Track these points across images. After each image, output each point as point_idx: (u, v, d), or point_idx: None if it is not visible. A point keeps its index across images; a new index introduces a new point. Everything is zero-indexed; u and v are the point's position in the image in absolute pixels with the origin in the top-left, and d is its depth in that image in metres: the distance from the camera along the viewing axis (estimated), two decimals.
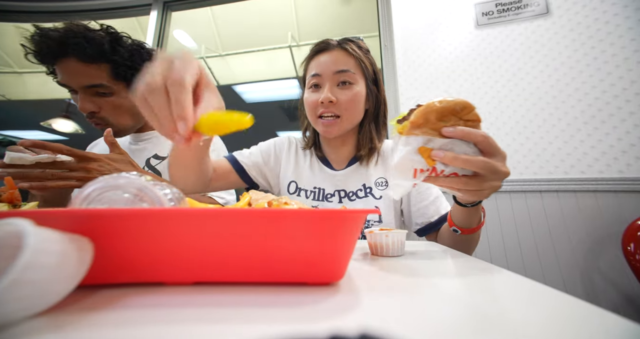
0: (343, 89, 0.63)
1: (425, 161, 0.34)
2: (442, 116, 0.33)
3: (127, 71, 0.72)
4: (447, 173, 0.35)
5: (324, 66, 0.63)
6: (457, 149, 0.34)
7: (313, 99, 0.64)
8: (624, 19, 1.25)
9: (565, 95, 1.25)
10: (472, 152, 0.34)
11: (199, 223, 0.21)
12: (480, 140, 0.34)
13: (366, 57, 0.66)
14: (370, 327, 0.13)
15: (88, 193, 0.23)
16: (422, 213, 0.65)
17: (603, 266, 1.08)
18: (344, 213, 0.22)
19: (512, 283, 0.25)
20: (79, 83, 0.68)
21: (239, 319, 0.17)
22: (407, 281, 0.25)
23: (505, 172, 0.35)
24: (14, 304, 0.14)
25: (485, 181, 0.35)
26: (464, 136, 0.33)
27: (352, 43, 0.66)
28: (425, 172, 0.34)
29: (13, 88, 3.30)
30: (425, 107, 0.33)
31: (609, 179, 1.14)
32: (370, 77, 0.66)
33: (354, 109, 0.64)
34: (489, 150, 0.34)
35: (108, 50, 0.68)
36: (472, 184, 0.35)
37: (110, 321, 0.16)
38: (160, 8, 1.92)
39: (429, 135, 0.33)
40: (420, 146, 0.34)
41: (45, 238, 0.15)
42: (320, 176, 0.72)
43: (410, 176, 0.34)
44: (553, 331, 0.15)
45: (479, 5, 1.43)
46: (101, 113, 0.72)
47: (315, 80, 0.65)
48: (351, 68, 0.63)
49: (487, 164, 0.33)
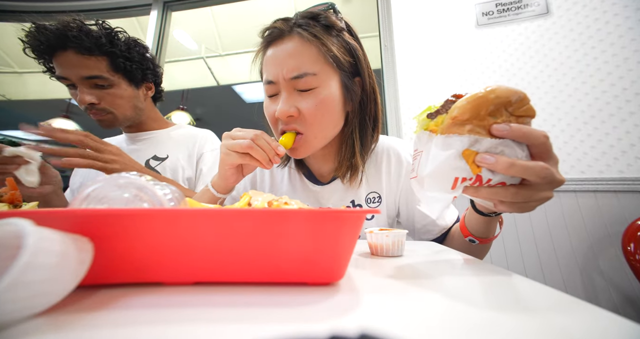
0: (305, 97, 0.48)
1: (469, 167, 0.26)
2: (494, 109, 0.26)
3: (125, 63, 0.72)
4: (494, 183, 0.27)
5: (276, 68, 0.48)
6: (508, 151, 0.26)
7: (271, 110, 0.51)
8: (624, 19, 1.25)
9: (565, 95, 1.25)
10: (524, 156, 0.27)
11: (199, 223, 0.21)
12: (541, 141, 0.26)
13: (338, 41, 0.49)
14: (370, 327, 0.13)
15: (88, 193, 0.23)
16: (428, 230, 0.58)
17: (603, 266, 1.08)
18: (344, 213, 0.22)
19: (511, 283, 0.25)
20: (78, 74, 0.68)
21: (239, 319, 0.17)
22: (407, 281, 0.25)
23: (560, 180, 0.27)
24: (14, 304, 0.14)
25: (538, 192, 0.27)
26: (523, 136, 0.26)
27: (314, 22, 0.48)
28: (467, 181, 0.27)
29: (13, 88, 3.29)
30: (476, 99, 0.26)
31: (609, 179, 1.13)
32: (346, 69, 0.50)
33: (323, 120, 0.49)
34: (544, 154, 0.27)
35: (105, 43, 0.69)
36: (522, 195, 0.27)
37: (110, 321, 0.16)
38: (160, 8, 1.92)
39: (476, 134, 0.26)
40: (465, 148, 0.26)
41: (45, 238, 0.15)
42: (302, 193, 0.62)
43: (449, 187, 0.27)
44: (553, 331, 0.15)
45: (479, 5, 1.43)
46: (101, 104, 0.72)
47: (270, 89, 0.50)
48: (310, 68, 0.47)
49: (548, 171, 0.26)
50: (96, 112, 0.73)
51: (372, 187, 0.61)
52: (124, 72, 0.74)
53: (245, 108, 4.16)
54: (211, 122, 4.54)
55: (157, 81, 0.86)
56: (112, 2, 1.95)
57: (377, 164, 0.62)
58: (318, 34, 0.47)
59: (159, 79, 0.86)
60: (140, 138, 0.84)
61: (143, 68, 0.78)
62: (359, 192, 0.60)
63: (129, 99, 0.76)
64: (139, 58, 0.76)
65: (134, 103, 0.78)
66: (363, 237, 0.57)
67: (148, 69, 0.80)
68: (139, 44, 0.78)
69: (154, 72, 0.82)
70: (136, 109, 0.79)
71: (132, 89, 0.77)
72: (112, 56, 0.71)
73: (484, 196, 0.28)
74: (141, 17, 2.08)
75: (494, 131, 0.26)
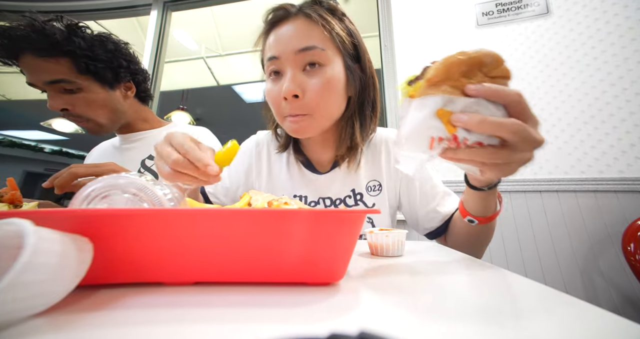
0: (311, 75, 0.48)
1: (445, 127, 0.27)
2: (468, 70, 0.27)
3: (88, 63, 0.66)
4: (471, 142, 0.28)
5: (282, 44, 0.48)
6: (483, 111, 0.27)
7: (275, 92, 0.50)
8: (624, 19, 1.25)
9: (565, 95, 1.25)
10: (500, 115, 0.27)
11: (199, 223, 0.21)
12: (514, 99, 0.26)
13: (341, 25, 0.51)
14: (369, 327, 0.13)
15: (88, 193, 0.23)
16: (432, 217, 0.57)
17: (603, 266, 1.08)
18: (344, 213, 0.22)
19: (512, 283, 0.25)
20: (40, 79, 0.63)
21: (239, 319, 0.17)
22: (407, 281, 0.25)
23: (539, 140, 0.27)
24: (14, 304, 0.14)
25: (516, 152, 0.28)
26: (494, 94, 0.26)
27: (318, 7, 0.50)
28: (444, 141, 0.28)
29: (13, 88, 3.30)
30: (447, 60, 0.27)
31: (609, 179, 1.13)
32: (349, 52, 0.51)
33: (329, 101, 0.49)
34: (521, 114, 0.27)
35: (60, 41, 0.62)
36: (501, 156, 0.28)
37: (110, 321, 0.16)
38: (160, 8, 1.92)
39: (449, 94, 0.27)
40: (439, 108, 0.27)
41: (46, 238, 0.15)
42: (300, 182, 0.61)
43: (426, 147, 0.28)
44: (553, 331, 0.15)
45: (479, 5, 1.43)
46: (75, 110, 0.67)
47: (274, 65, 0.49)
48: (318, 43, 0.47)
49: (521, 127, 0.26)
50: (74, 119, 0.68)
51: (372, 175, 0.61)
52: (92, 74, 0.67)
53: (245, 108, 4.17)
54: (211, 122, 4.55)
55: (138, 79, 0.78)
56: (112, 2, 1.95)
57: (375, 155, 0.62)
58: (323, 14, 0.49)
59: (139, 76, 0.78)
60: (134, 138, 0.81)
61: (113, 67, 0.70)
62: (359, 180, 0.60)
63: (104, 102, 0.70)
64: (106, 56, 0.69)
65: (112, 106, 0.72)
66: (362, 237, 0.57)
67: (120, 67, 0.72)
68: (107, 41, 0.70)
69: (129, 70, 0.75)
70: (116, 112, 0.73)
71: (105, 92, 0.70)
72: (72, 56, 0.64)
73: (462, 157, 0.28)
74: (141, 17, 2.08)
75: (467, 90, 0.26)
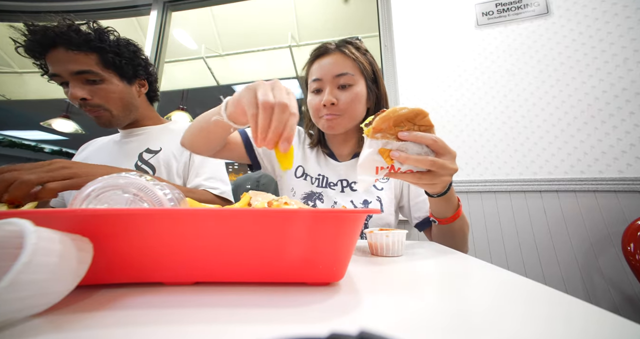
0: (343, 91, 0.66)
1: (385, 160, 0.40)
2: (399, 122, 0.39)
3: (114, 58, 0.73)
4: (404, 170, 0.41)
5: (324, 71, 0.67)
6: (410, 150, 0.40)
7: (316, 102, 0.68)
8: (624, 19, 1.25)
9: (565, 95, 1.25)
10: (424, 152, 0.40)
11: (199, 223, 0.21)
12: (430, 143, 0.39)
13: (364, 58, 0.69)
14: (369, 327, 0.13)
15: (88, 193, 0.23)
16: (419, 207, 0.70)
17: (603, 266, 1.08)
18: (344, 213, 0.22)
19: (512, 283, 0.25)
20: (68, 70, 0.69)
21: (238, 319, 0.17)
22: (407, 281, 0.25)
23: (453, 168, 0.41)
24: (15, 303, 0.14)
25: (437, 176, 0.40)
26: (416, 139, 0.39)
27: (350, 45, 0.69)
28: (385, 169, 0.40)
29: (13, 88, 3.29)
30: (385, 115, 0.39)
31: (609, 179, 1.13)
32: (370, 77, 0.69)
33: (355, 108, 0.68)
34: (439, 150, 0.40)
35: (94, 39, 0.70)
36: (425, 179, 0.41)
37: (110, 321, 0.16)
38: (160, 8, 1.92)
39: (387, 138, 0.39)
40: (380, 147, 0.39)
41: (45, 238, 0.15)
42: (325, 166, 0.78)
43: (373, 173, 0.40)
44: (553, 331, 0.15)
45: (479, 5, 1.43)
46: (93, 100, 0.72)
47: (317, 85, 0.68)
48: (350, 70, 0.66)
49: (435, 162, 0.39)
50: (90, 108, 0.73)
51: None
52: (115, 68, 0.74)
53: None
54: None
55: (151, 79, 0.87)
56: (112, 2, 1.95)
57: None
58: (353, 50, 0.68)
59: (152, 77, 0.87)
60: (135, 133, 0.85)
61: (134, 64, 0.78)
62: None
63: (121, 94, 0.76)
64: (129, 54, 0.77)
65: (127, 99, 0.79)
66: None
67: (139, 65, 0.80)
68: (130, 43, 0.79)
69: (145, 69, 0.83)
70: (130, 105, 0.80)
71: (124, 85, 0.77)
72: (101, 52, 0.71)
73: (399, 178, 0.42)
74: (141, 17, 2.08)
75: (399, 136, 0.39)
